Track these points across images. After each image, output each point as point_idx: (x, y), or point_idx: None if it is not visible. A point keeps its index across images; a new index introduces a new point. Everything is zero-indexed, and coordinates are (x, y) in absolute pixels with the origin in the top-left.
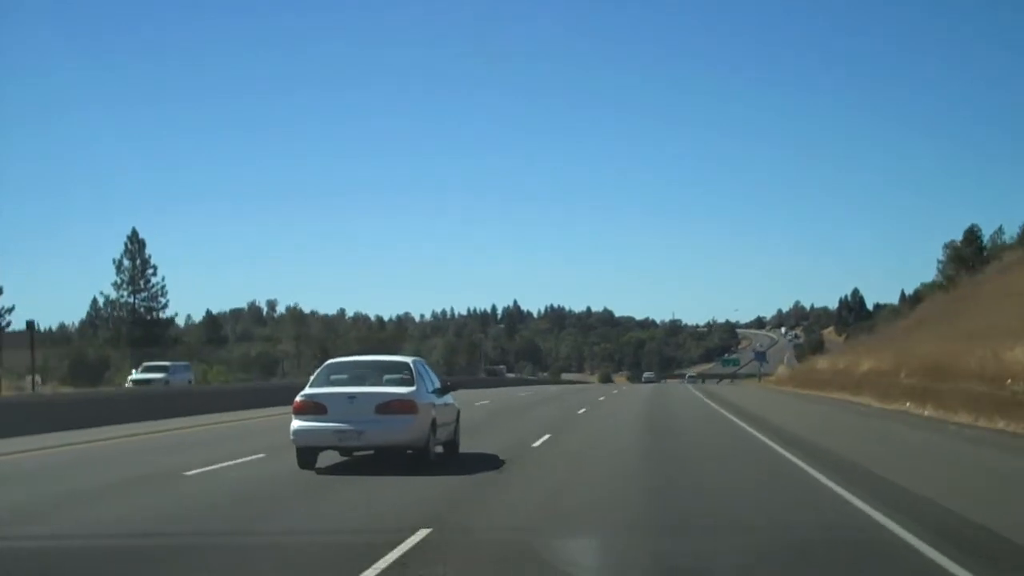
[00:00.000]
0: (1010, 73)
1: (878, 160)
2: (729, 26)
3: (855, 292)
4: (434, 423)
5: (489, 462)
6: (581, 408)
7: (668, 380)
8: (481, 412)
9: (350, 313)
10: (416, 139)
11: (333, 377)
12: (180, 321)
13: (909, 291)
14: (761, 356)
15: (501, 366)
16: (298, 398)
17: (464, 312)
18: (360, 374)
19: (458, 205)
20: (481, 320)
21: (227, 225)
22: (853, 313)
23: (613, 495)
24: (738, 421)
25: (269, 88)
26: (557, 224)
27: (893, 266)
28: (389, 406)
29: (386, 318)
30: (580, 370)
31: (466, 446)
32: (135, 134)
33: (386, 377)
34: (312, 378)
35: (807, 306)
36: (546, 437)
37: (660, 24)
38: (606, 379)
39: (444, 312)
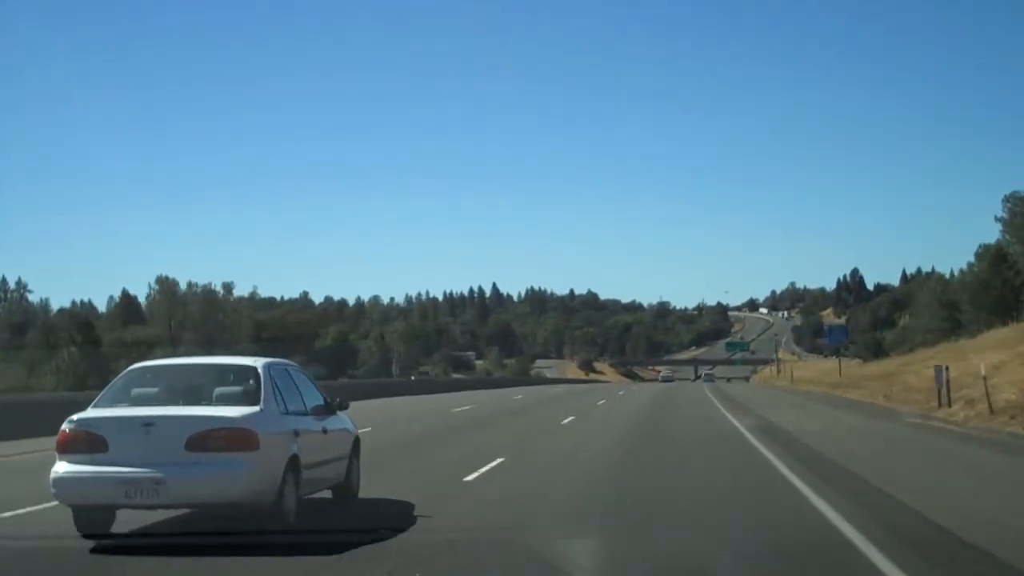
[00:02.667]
0: (1006, 55)
1: (874, 138)
2: (717, 11)
3: (855, 272)
4: (295, 462)
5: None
6: None
7: (655, 368)
8: None
9: (318, 297)
10: (397, 123)
11: (136, 391)
12: (101, 304)
13: (931, 266)
14: (842, 333)
15: (470, 353)
16: (65, 426)
17: (440, 295)
18: (181, 386)
19: (441, 188)
20: (450, 304)
21: (200, 207)
22: (852, 294)
23: None
24: None
25: (263, 78)
26: (540, 206)
27: (893, 245)
28: (208, 438)
29: (359, 302)
30: (559, 356)
31: None
32: (114, 123)
33: (218, 391)
34: (102, 392)
35: (802, 287)
36: None
37: (651, 8)
38: (587, 366)
39: (420, 295)
